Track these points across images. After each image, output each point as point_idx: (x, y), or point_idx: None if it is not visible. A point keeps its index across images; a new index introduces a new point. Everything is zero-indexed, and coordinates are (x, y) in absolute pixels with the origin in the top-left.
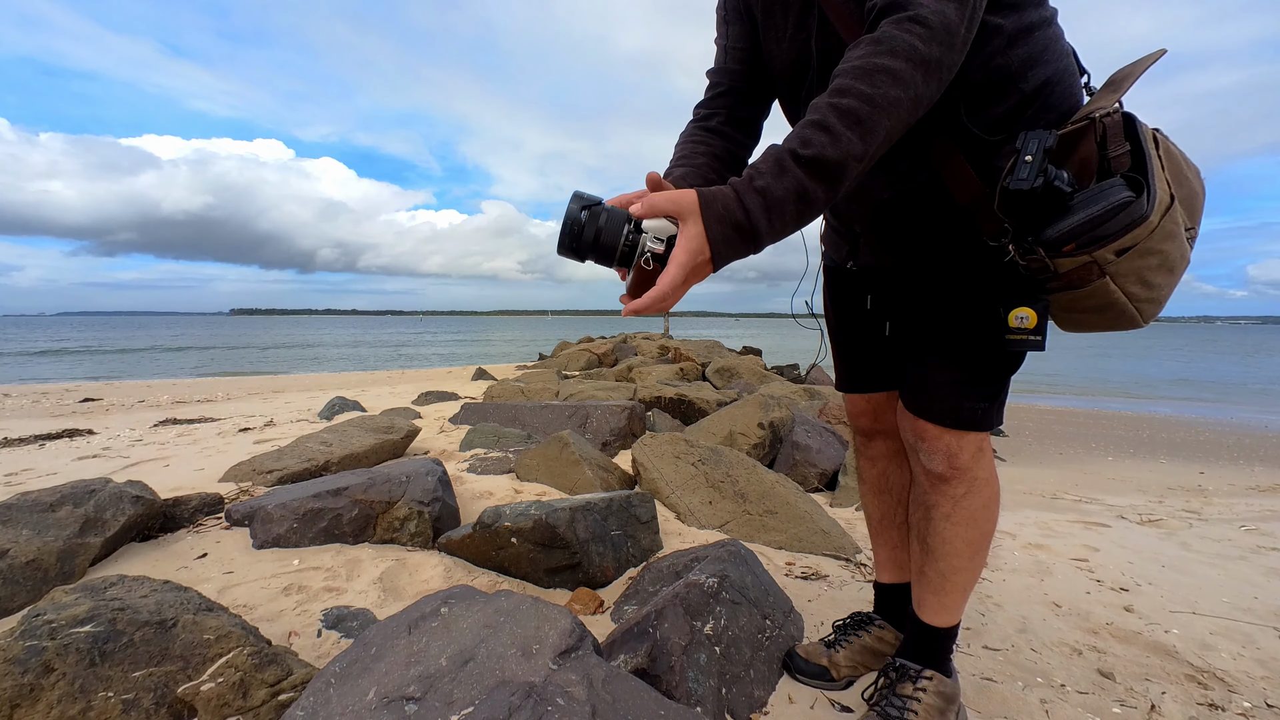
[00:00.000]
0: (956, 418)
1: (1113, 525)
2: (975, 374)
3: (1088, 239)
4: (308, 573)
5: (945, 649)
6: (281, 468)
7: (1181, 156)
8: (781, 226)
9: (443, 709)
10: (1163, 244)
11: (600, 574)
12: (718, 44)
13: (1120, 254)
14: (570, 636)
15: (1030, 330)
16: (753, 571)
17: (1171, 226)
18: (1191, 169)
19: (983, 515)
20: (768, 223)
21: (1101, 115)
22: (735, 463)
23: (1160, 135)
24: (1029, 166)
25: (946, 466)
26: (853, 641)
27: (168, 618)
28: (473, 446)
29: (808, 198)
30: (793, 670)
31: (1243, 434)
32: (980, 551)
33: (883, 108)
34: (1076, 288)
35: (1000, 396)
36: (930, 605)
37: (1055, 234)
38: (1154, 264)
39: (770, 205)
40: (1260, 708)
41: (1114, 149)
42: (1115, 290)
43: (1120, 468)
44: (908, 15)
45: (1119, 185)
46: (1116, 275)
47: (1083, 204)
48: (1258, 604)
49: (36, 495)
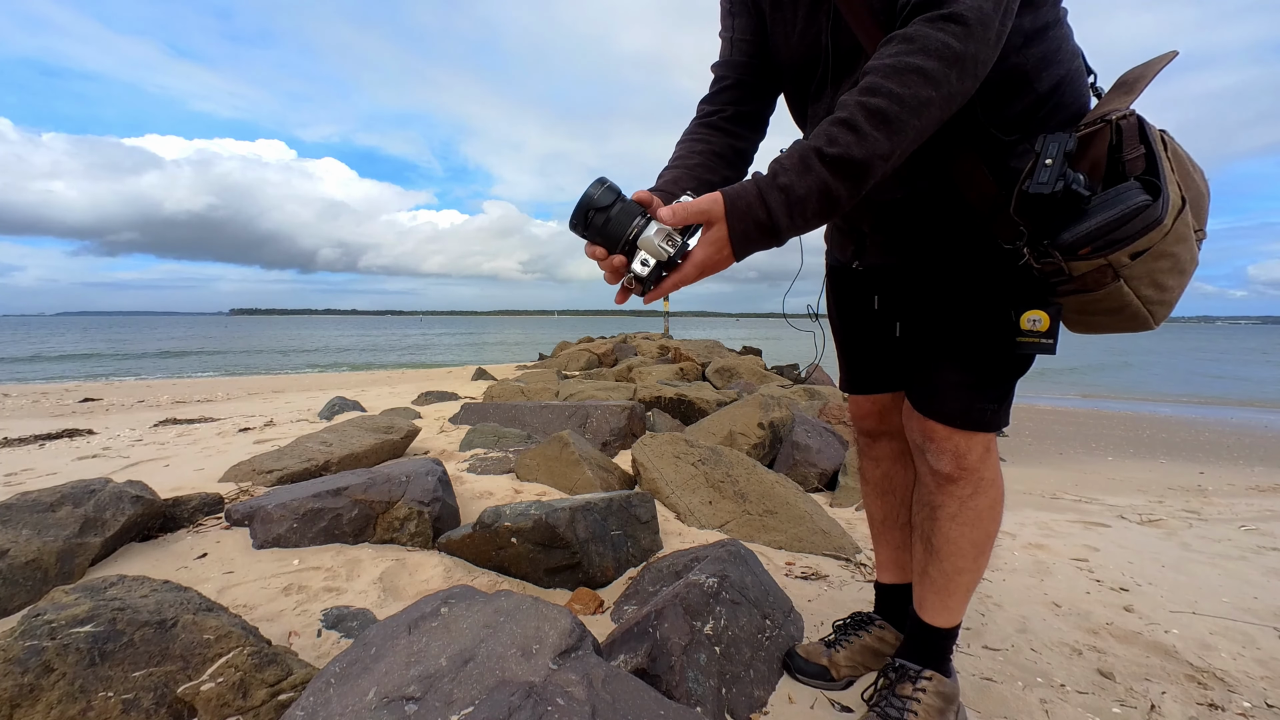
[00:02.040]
0: (966, 419)
1: (1113, 525)
2: (985, 376)
3: (1104, 243)
4: (308, 573)
5: (945, 649)
6: (281, 468)
7: (1188, 158)
8: (804, 223)
9: (443, 709)
10: (1175, 247)
11: (600, 574)
12: (722, 37)
13: (1135, 257)
14: (570, 636)
15: (1042, 334)
16: (753, 571)
17: (1183, 229)
18: (1197, 170)
19: (988, 516)
20: (789, 219)
21: (1118, 118)
22: (735, 463)
23: (1168, 137)
24: (1049, 170)
25: (954, 467)
26: (853, 641)
27: (168, 618)
28: (473, 446)
29: (830, 195)
30: (793, 670)
31: (1243, 434)
32: (984, 553)
33: (913, 108)
34: (1091, 290)
35: (1008, 398)
36: (932, 605)
37: (1072, 238)
38: (1166, 266)
39: (792, 203)
40: (1260, 708)
41: (1129, 152)
42: (1129, 293)
43: (1120, 468)
44: (942, 13)
45: (1135, 189)
46: (1130, 278)
47: (1100, 208)
48: (1258, 604)
49: (36, 495)
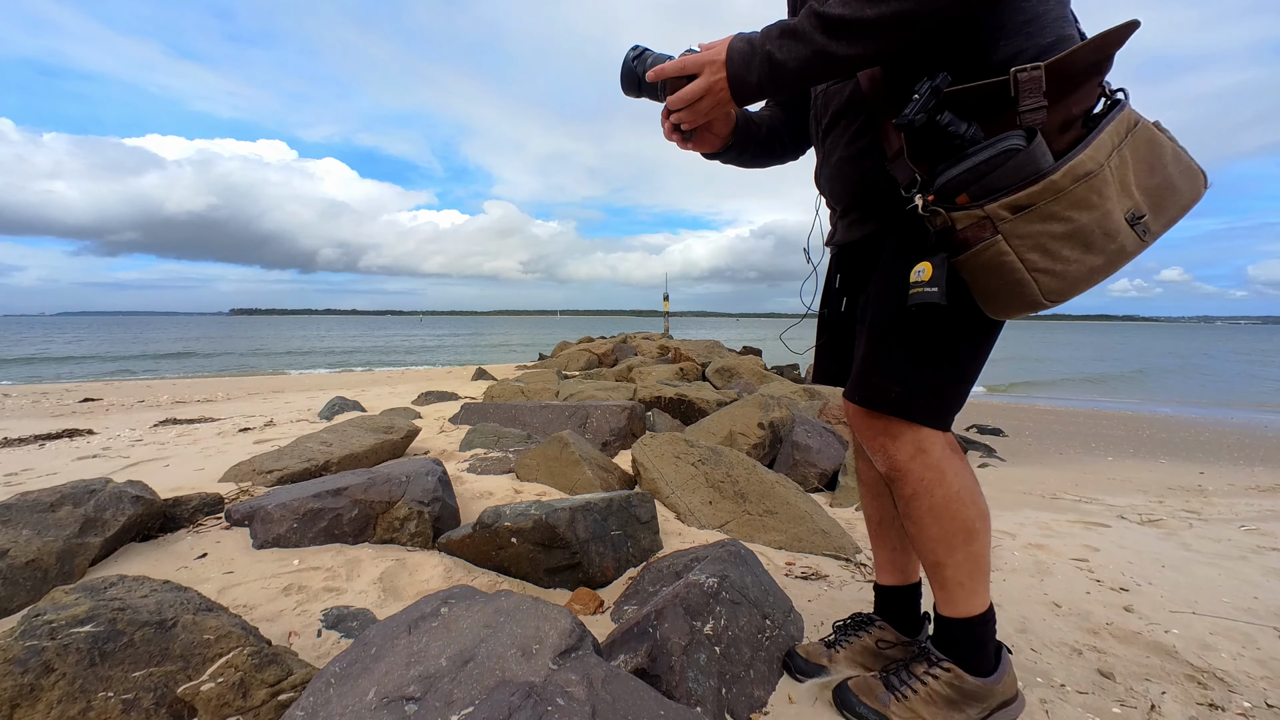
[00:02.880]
0: (866, 395)
1: (1113, 525)
2: (887, 348)
3: (978, 189)
4: (308, 573)
5: (964, 641)
6: (281, 468)
7: (1173, 151)
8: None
9: (443, 709)
10: (1072, 211)
11: (600, 574)
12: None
13: (1016, 212)
14: (570, 636)
15: (925, 283)
16: (753, 571)
17: (1089, 196)
18: (1182, 166)
19: (943, 513)
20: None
21: (1017, 70)
22: (735, 463)
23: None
24: (915, 104)
25: (886, 466)
26: (853, 642)
27: (168, 618)
28: (473, 446)
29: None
30: (793, 670)
31: (1243, 434)
32: (956, 547)
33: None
34: (972, 246)
35: (919, 381)
36: (935, 594)
37: (945, 180)
38: (1059, 232)
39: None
40: (1260, 708)
41: (1026, 104)
42: (1009, 253)
43: (1120, 468)
44: None
45: (1014, 135)
46: (1011, 235)
47: (975, 152)
48: (1258, 604)
49: (36, 495)
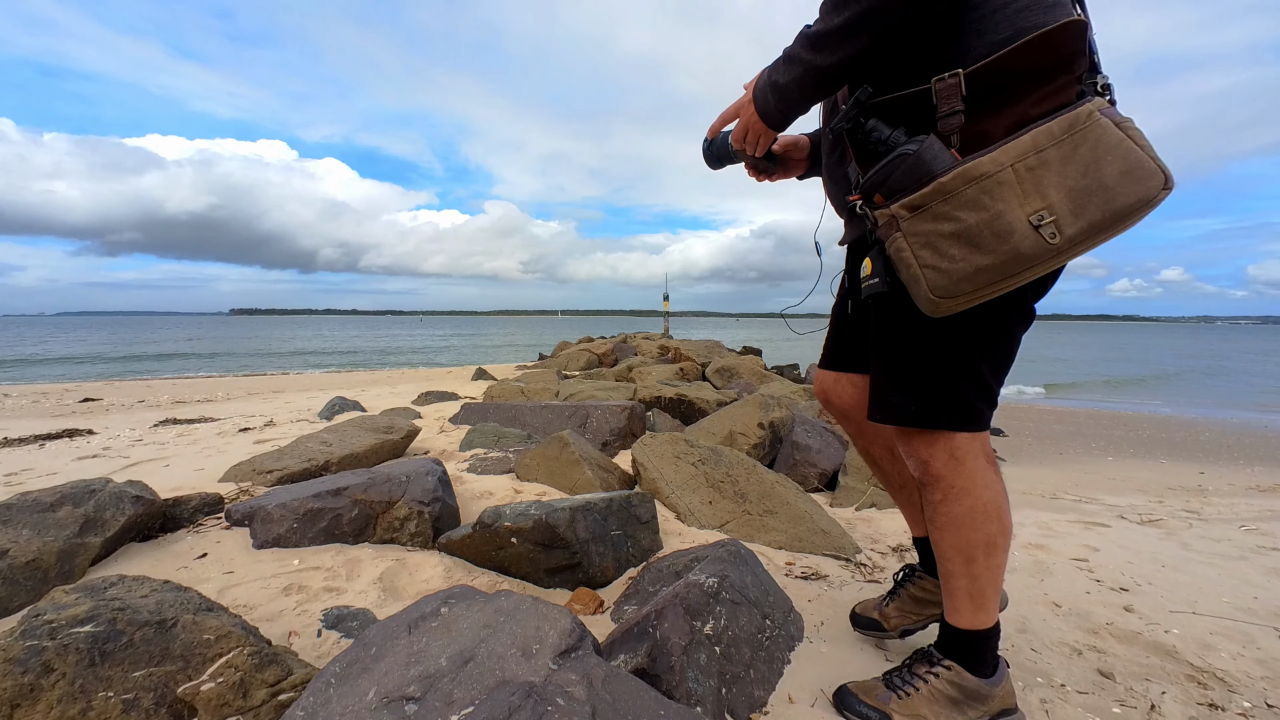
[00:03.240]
0: (888, 414)
1: (1113, 525)
2: (889, 362)
3: (886, 190)
4: (308, 573)
5: (967, 648)
6: (281, 468)
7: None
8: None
9: (443, 709)
10: (960, 211)
11: (600, 574)
12: None
13: (912, 211)
14: (570, 636)
15: (869, 276)
16: (753, 571)
17: (980, 198)
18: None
19: (966, 523)
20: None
21: (935, 80)
22: (735, 463)
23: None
24: (841, 113)
25: (921, 472)
26: (899, 594)
27: (168, 618)
28: (473, 446)
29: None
30: (854, 625)
31: (1243, 434)
32: (974, 559)
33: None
34: (882, 242)
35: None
36: (944, 601)
37: (865, 182)
38: (945, 230)
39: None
40: (1260, 708)
41: (943, 110)
42: (906, 249)
43: (1120, 468)
44: None
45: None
46: (908, 233)
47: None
48: (1258, 604)
49: (36, 495)
